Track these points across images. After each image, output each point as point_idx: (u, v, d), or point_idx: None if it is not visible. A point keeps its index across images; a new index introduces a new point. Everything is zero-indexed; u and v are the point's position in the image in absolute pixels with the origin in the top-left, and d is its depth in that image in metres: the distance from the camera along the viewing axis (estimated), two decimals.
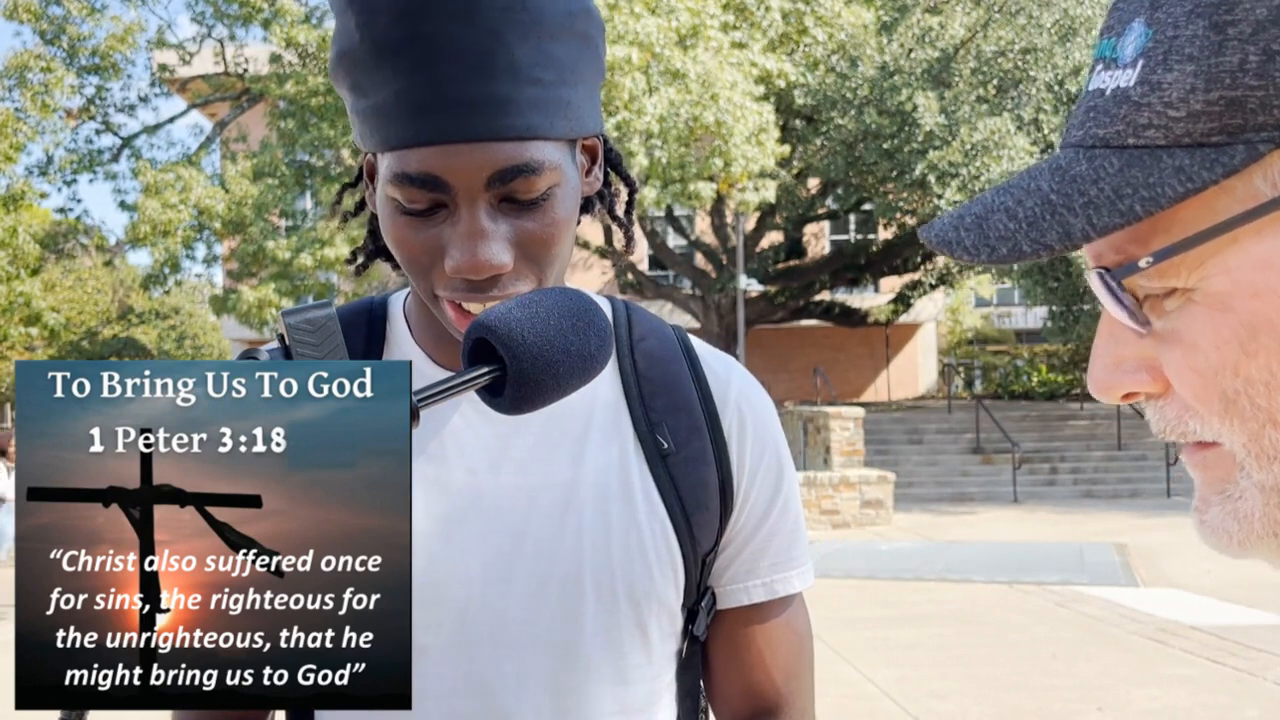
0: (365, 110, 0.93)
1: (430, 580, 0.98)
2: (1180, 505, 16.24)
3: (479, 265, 0.91)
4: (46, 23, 20.72)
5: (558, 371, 0.77)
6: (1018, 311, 40.97)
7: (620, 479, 1.03)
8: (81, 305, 37.16)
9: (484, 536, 1.00)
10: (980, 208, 0.56)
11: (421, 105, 0.89)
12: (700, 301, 25.67)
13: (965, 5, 19.58)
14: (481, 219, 0.91)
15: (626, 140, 16.68)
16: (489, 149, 0.90)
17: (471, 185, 0.90)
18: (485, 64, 0.89)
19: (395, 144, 0.91)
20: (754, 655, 1.11)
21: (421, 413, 0.69)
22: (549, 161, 0.92)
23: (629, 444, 1.05)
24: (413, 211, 0.92)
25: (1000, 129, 17.66)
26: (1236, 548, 0.55)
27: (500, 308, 0.78)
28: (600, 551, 1.01)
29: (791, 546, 1.12)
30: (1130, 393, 0.56)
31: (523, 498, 1.01)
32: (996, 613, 8.64)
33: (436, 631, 0.99)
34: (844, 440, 16.07)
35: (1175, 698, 6.06)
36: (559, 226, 0.95)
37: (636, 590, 1.02)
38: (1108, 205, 0.51)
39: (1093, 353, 0.57)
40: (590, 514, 1.02)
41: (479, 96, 0.89)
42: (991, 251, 0.53)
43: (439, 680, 1.00)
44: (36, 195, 20.58)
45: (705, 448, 1.06)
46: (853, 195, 23.43)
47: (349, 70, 0.94)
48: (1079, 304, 18.46)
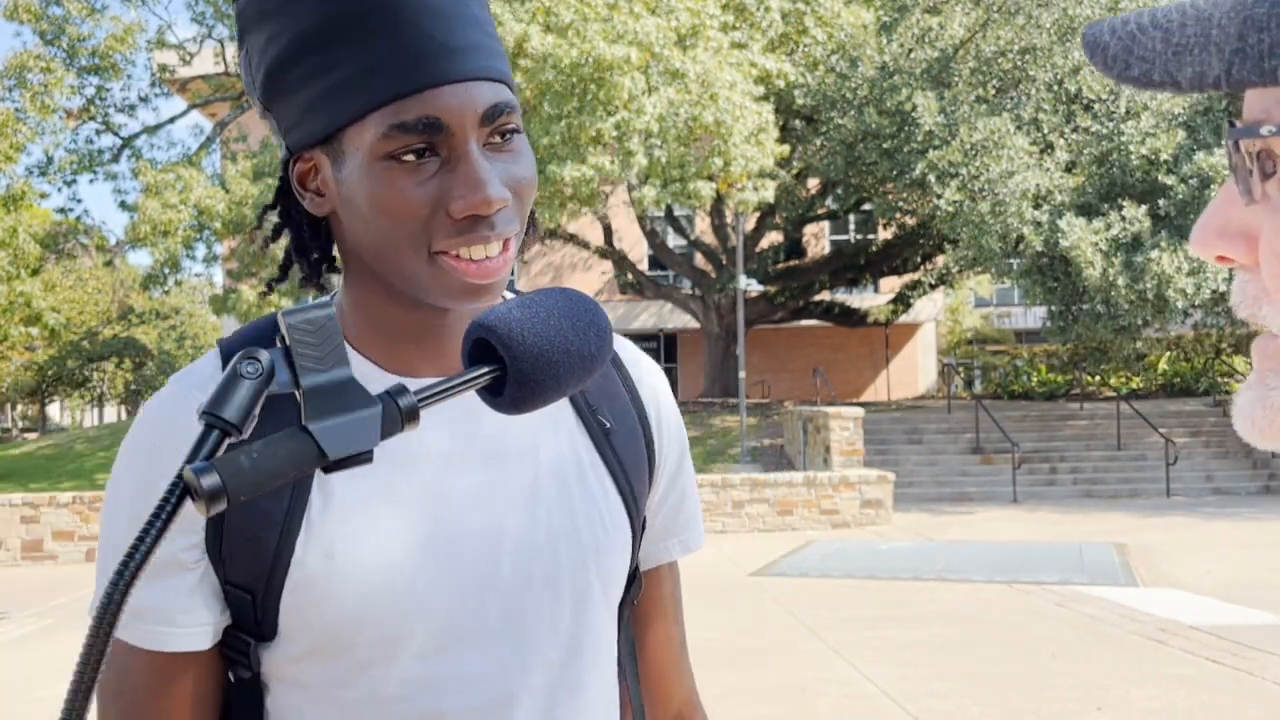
0: (341, 80, 0.94)
1: (418, 585, 0.99)
2: (1180, 505, 16.25)
3: (490, 200, 0.93)
4: (46, 23, 20.74)
5: (558, 371, 0.77)
6: (1017, 311, 40.99)
7: (574, 462, 1.08)
8: (82, 305, 37.15)
9: (463, 537, 1.02)
10: (1149, 19, 0.52)
11: (415, 53, 0.93)
12: (700, 301, 25.67)
13: (965, 5, 19.58)
14: (480, 159, 0.95)
15: (626, 140, 16.68)
16: (480, 87, 0.95)
17: (467, 124, 0.94)
18: (457, 17, 0.95)
19: (394, 94, 0.93)
20: (665, 609, 1.22)
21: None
22: (516, 105, 0.99)
23: (574, 428, 1.10)
24: (406, 163, 0.94)
25: (1000, 129, 17.66)
26: (1258, 435, 0.54)
27: (500, 308, 0.78)
28: (571, 536, 1.06)
29: (694, 503, 1.23)
30: (1223, 256, 0.54)
31: (492, 492, 1.04)
32: (996, 612, 8.64)
33: (430, 635, 1.00)
34: (844, 440, 16.08)
35: (1175, 698, 6.06)
36: (533, 169, 1.00)
37: (605, 566, 1.08)
38: (1255, 59, 0.47)
39: (1207, 207, 0.54)
40: (555, 502, 1.06)
41: (462, 43, 0.95)
42: (1125, 69, 0.51)
43: (438, 680, 1.01)
44: (36, 195, 20.59)
45: (634, 422, 1.14)
46: (852, 195, 23.45)
47: (311, 49, 0.94)
48: (1078, 304, 18.46)
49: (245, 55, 1.01)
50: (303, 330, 0.71)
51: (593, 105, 16.53)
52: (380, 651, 0.99)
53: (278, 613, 0.99)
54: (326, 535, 0.98)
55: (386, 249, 0.97)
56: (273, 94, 0.99)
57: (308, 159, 1.00)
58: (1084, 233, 16.87)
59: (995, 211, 17.52)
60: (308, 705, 1.01)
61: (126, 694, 1.01)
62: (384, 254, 0.98)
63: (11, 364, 37.88)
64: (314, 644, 0.99)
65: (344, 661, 0.99)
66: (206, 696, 1.03)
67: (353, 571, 0.98)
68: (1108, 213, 17.46)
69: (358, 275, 1.03)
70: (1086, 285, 17.34)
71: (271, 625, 0.99)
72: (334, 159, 0.98)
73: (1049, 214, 17.79)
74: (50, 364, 38.56)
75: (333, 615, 0.98)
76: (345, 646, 0.99)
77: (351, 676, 1.00)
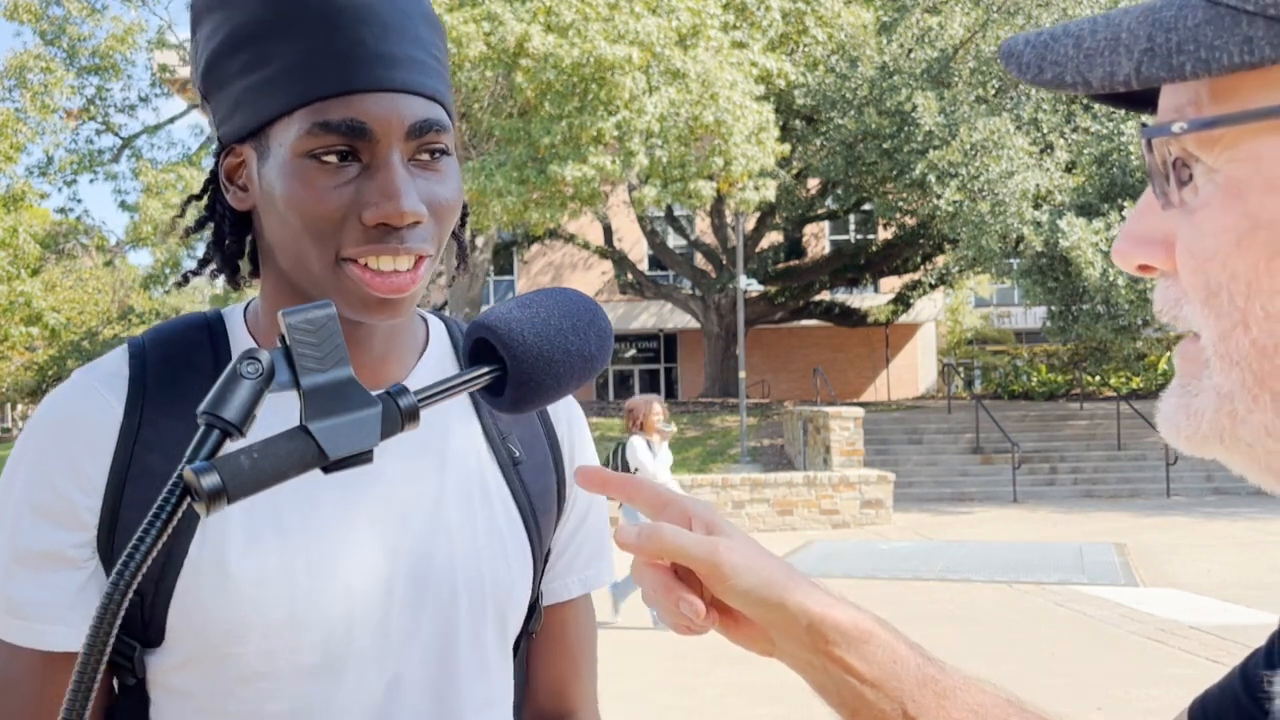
0: (272, 76, 0.94)
1: (312, 598, 0.98)
2: (1180, 505, 16.24)
3: (403, 211, 0.93)
4: (47, 23, 20.74)
5: (558, 371, 0.77)
6: (1017, 311, 40.96)
7: (480, 486, 1.08)
8: (82, 305, 37.14)
9: (361, 552, 1.01)
10: (1061, 29, 0.54)
11: (346, 57, 0.93)
12: (700, 301, 25.67)
13: (964, 5, 19.58)
14: (401, 169, 0.94)
15: (627, 140, 16.68)
16: (409, 100, 0.95)
17: (391, 133, 0.94)
18: (398, 30, 0.95)
19: (319, 94, 0.93)
20: (566, 644, 1.20)
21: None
22: (448, 127, 0.99)
23: (484, 453, 1.10)
24: (326, 164, 0.94)
25: (999, 129, 17.66)
26: (1184, 442, 0.54)
27: (500, 307, 0.78)
28: (469, 557, 1.05)
29: (601, 543, 1.22)
30: (1144, 265, 0.54)
31: (394, 510, 1.03)
32: (996, 612, 8.64)
33: (319, 649, 0.99)
34: (844, 440, 16.07)
35: (1175, 698, 6.05)
36: (458, 194, 0.99)
37: (500, 589, 1.07)
38: (1163, 57, 0.48)
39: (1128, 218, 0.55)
40: (456, 521, 1.05)
41: (399, 54, 0.95)
42: (1039, 73, 0.52)
43: (324, 696, 0.99)
44: (37, 195, 20.59)
45: (546, 456, 1.14)
46: (852, 195, 23.44)
47: (247, 43, 0.95)
48: (1078, 304, 18.45)
49: (193, 45, 1.02)
50: (303, 330, 0.71)
51: (593, 105, 16.53)
52: (265, 664, 0.97)
53: (166, 617, 0.96)
54: (221, 540, 0.97)
55: (298, 250, 0.97)
56: (210, 85, 1.00)
57: (237, 153, 1.01)
58: (1084, 233, 16.87)
59: (995, 211, 17.52)
60: (192, 715, 0.99)
61: (7, 694, 0.98)
62: (295, 255, 0.97)
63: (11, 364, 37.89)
64: (200, 651, 0.97)
65: (229, 671, 0.97)
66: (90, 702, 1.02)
67: (244, 579, 0.96)
68: (1108, 213, 17.46)
69: (273, 278, 1.04)
70: (1086, 285, 17.34)
71: (159, 629, 0.97)
72: (260, 154, 0.98)
73: (1049, 214, 17.79)
74: (50, 364, 38.53)
75: (220, 622, 0.96)
76: (230, 655, 0.97)
77: (235, 689, 0.98)
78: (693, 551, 0.72)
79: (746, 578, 0.71)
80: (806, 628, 0.71)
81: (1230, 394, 0.50)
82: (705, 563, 0.72)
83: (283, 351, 0.69)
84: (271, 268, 1.03)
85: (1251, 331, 0.49)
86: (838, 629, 0.72)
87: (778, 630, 0.73)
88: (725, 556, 0.71)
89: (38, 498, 0.97)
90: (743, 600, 0.72)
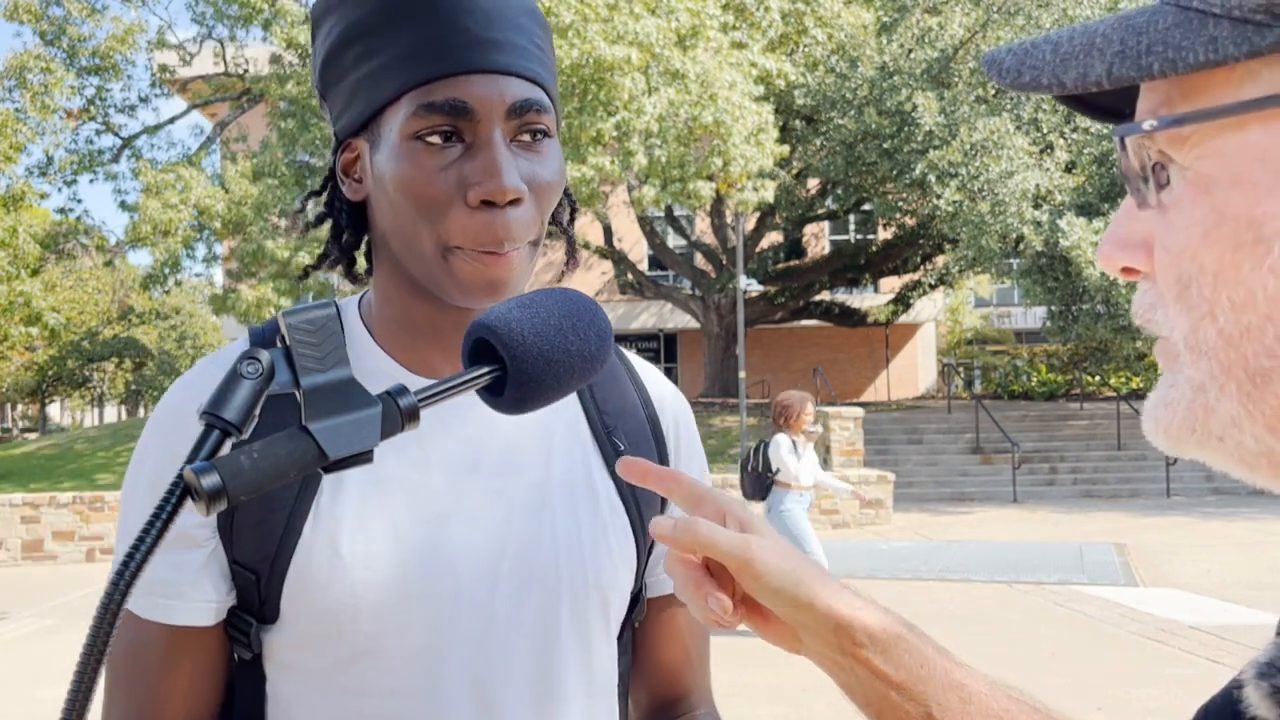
0: (381, 65, 0.99)
1: (420, 580, 1.01)
2: (1180, 505, 16.24)
3: (505, 188, 0.96)
4: (47, 23, 20.73)
5: (558, 371, 0.77)
6: (1017, 311, 40.97)
7: (585, 479, 1.10)
8: (82, 305, 37.13)
9: (468, 537, 1.04)
10: (1042, 38, 0.56)
11: (450, 42, 0.97)
12: (700, 301, 25.66)
13: (964, 6, 19.58)
14: (502, 147, 0.97)
15: (626, 140, 16.68)
16: (510, 81, 0.99)
17: (493, 113, 0.97)
18: (500, 18, 0.99)
19: (424, 78, 0.97)
20: (677, 633, 1.21)
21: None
22: (550, 108, 1.02)
23: (589, 447, 1.12)
24: (431, 145, 0.97)
25: (999, 129, 17.65)
26: (1162, 437, 0.55)
27: (500, 307, 0.78)
28: (573, 546, 1.07)
29: None
30: (1127, 268, 0.55)
31: (501, 499, 1.06)
32: (996, 612, 8.64)
33: (426, 629, 1.01)
34: (844, 440, 16.07)
35: (1175, 698, 6.05)
36: (559, 174, 1.03)
37: (604, 580, 1.09)
38: (1133, 58, 0.50)
39: (1111, 222, 0.56)
40: (562, 512, 1.08)
41: (501, 39, 0.99)
42: (1018, 77, 0.54)
43: (428, 677, 1.02)
44: (37, 195, 20.57)
45: (651, 450, 1.15)
46: (852, 195, 23.43)
47: (359, 38, 1.00)
48: (1078, 304, 18.45)
49: (313, 48, 1.07)
50: (303, 330, 0.71)
51: (593, 105, 16.53)
52: (374, 643, 1.00)
53: (280, 595, 1.00)
54: (334, 523, 1.00)
55: (409, 234, 1.00)
56: (327, 82, 1.04)
57: (353, 148, 1.05)
58: (1084, 233, 16.86)
59: (995, 211, 17.52)
60: (305, 690, 1.03)
61: (135, 665, 1.03)
62: (405, 239, 1.01)
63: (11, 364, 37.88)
64: (312, 628, 1.00)
65: (340, 649, 1.00)
66: (212, 673, 1.04)
67: (355, 560, 0.99)
68: (1108, 213, 17.46)
69: (386, 268, 1.07)
70: (1086, 285, 17.34)
71: (274, 607, 1.01)
72: (372, 144, 1.02)
73: (1049, 214, 17.79)
74: (50, 364, 38.56)
75: (332, 601, 0.99)
76: (342, 634, 1.00)
77: (346, 666, 1.01)
78: (726, 547, 0.73)
79: (777, 576, 0.73)
80: (834, 628, 0.72)
81: (1201, 384, 0.52)
82: (738, 559, 0.73)
83: (283, 351, 0.69)
84: (385, 258, 1.06)
85: (1219, 322, 0.50)
86: (866, 631, 0.73)
87: (806, 629, 0.74)
88: (758, 554, 0.73)
89: (165, 479, 0.99)
90: (773, 598, 0.73)
